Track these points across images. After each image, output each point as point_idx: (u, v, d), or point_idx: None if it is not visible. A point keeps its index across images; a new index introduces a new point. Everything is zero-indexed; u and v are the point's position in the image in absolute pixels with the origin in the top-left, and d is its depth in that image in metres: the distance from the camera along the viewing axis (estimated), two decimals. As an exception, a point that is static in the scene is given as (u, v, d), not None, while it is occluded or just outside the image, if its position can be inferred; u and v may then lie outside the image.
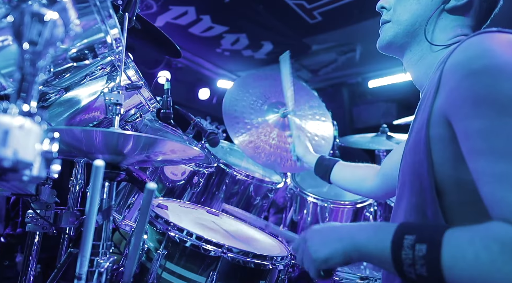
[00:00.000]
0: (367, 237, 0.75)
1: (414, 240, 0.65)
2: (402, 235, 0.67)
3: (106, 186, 0.96)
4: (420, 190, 0.79)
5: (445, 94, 0.74)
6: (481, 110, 0.66)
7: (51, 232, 1.33)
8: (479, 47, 0.71)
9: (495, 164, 0.63)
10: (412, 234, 0.67)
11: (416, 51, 0.99)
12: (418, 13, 0.96)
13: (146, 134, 0.87)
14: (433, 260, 0.62)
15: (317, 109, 2.11)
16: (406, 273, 0.66)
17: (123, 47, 0.95)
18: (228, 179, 1.98)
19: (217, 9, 4.42)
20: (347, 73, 5.87)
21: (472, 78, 0.68)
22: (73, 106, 1.17)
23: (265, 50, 5.35)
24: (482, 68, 0.67)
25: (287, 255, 1.27)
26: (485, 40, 0.71)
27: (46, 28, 0.47)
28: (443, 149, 0.75)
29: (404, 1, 1.00)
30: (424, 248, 0.63)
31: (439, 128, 0.75)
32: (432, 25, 0.95)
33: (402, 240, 0.67)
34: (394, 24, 1.01)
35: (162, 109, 1.81)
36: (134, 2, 1.15)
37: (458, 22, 0.94)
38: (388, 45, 1.03)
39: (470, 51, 0.71)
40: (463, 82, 0.70)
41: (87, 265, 0.73)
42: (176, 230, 1.12)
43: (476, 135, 0.66)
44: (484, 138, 0.65)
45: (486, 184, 0.65)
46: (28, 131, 0.42)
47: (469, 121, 0.67)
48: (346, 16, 4.24)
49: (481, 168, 0.66)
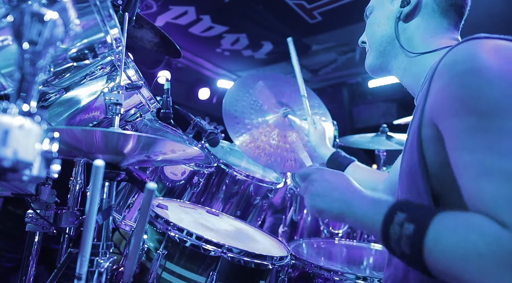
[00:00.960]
0: (363, 207, 0.77)
1: (404, 219, 0.67)
2: (395, 211, 0.70)
3: (106, 186, 0.96)
4: (417, 195, 0.80)
5: (432, 97, 0.77)
6: (462, 110, 0.69)
7: (51, 232, 1.33)
8: (465, 52, 0.74)
9: (473, 158, 0.65)
10: (404, 212, 0.69)
11: (397, 65, 1.06)
12: (381, 33, 1.07)
13: (146, 134, 0.87)
14: (417, 240, 0.64)
15: (317, 109, 2.11)
16: (392, 248, 0.69)
17: (123, 47, 0.95)
18: (228, 179, 1.98)
19: (217, 9, 4.42)
20: (347, 73, 5.88)
21: (455, 80, 0.71)
22: (73, 106, 1.17)
23: (265, 50, 5.35)
24: (465, 71, 0.70)
25: (287, 255, 1.27)
26: (471, 46, 0.74)
27: (46, 28, 0.47)
28: (435, 152, 0.77)
29: (368, 29, 1.13)
30: (412, 227, 0.65)
31: (429, 131, 0.77)
32: (401, 37, 1.03)
33: (394, 216, 0.69)
34: (369, 50, 1.14)
35: (162, 109, 1.81)
36: (134, 2, 1.15)
37: (423, 26, 1.00)
38: (371, 69, 1.14)
39: (457, 56, 0.74)
40: (447, 84, 0.73)
41: (87, 265, 0.73)
42: (176, 230, 1.12)
43: (456, 133, 0.69)
44: (463, 135, 0.68)
45: (463, 177, 0.67)
46: (28, 131, 0.42)
47: (451, 120, 0.71)
48: (346, 16, 4.24)
49: (460, 163, 0.68)
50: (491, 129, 0.65)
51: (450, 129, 0.71)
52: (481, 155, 0.64)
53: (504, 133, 0.63)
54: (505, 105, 0.65)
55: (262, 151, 1.89)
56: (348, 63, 5.56)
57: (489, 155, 0.63)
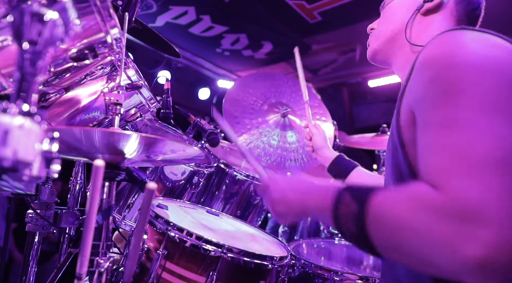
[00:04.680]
0: (317, 198, 0.80)
1: (350, 199, 0.70)
2: (342, 193, 0.72)
3: (106, 186, 0.96)
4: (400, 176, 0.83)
5: (410, 86, 0.80)
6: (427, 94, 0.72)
7: (51, 231, 1.33)
8: (440, 43, 0.76)
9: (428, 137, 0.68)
10: (349, 192, 0.71)
11: (400, 55, 1.08)
12: (396, 21, 1.08)
13: (146, 134, 0.87)
14: (361, 217, 0.66)
15: (317, 109, 2.11)
16: (343, 230, 0.71)
17: (123, 47, 0.95)
18: (228, 179, 1.98)
19: (217, 9, 4.42)
20: (347, 73, 5.87)
21: (429, 68, 0.74)
22: (73, 106, 1.17)
23: (265, 50, 5.35)
24: (436, 58, 0.73)
25: (287, 255, 1.27)
26: (445, 36, 0.77)
27: (46, 28, 0.47)
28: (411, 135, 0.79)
29: (385, 14, 1.14)
30: (355, 206, 0.68)
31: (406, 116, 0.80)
32: (411, 28, 1.05)
33: (341, 197, 0.72)
34: (377, 35, 1.14)
35: (162, 109, 1.81)
36: (134, 2, 1.15)
37: (436, 23, 1.02)
38: (375, 52, 1.14)
39: (431, 47, 0.77)
40: (422, 73, 0.75)
41: (87, 265, 0.73)
42: (176, 230, 1.12)
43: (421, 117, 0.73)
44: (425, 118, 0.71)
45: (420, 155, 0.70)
46: (28, 131, 0.42)
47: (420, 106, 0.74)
48: (346, 16, 4.24)
49: (419, 143, 0.71)
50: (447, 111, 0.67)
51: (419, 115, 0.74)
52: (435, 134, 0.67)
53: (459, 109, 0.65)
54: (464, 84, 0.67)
55: (262, 151, 1.89)
56: (348, 63, 5.55)
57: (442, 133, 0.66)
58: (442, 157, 0.63)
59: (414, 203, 0.61)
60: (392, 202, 0.64)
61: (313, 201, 0.81)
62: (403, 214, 0.61)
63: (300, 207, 0.85)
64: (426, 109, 0.72)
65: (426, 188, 0.62)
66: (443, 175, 0.61)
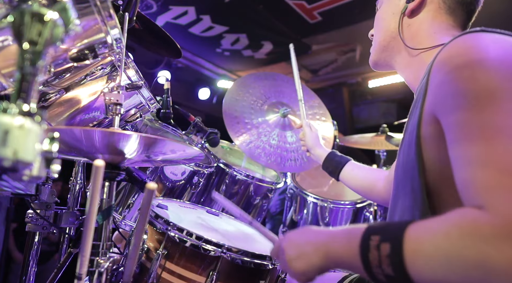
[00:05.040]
0: (339, 245, 0.73)
1: (379, 240, 0.64)
2: (369, 237, 0.66)
3: (106, 186, 0.96)
4: (412, 191, 0.79)
5: (431, 93, 0.76)
6: (460, 102, 0.67)
7: (51, 231, 1.33)
8: (462, 46, 0.73)
9: (468, 150, 0.63)
10: (377, 234, 0.66)
11: (400, 60, 1.07)
12: (386, 28, 1.08)
13: (146, 134, 0.87)
14: (397, 257, 0.61)
15: (317, 109, 2.11)
16: (375, 274, 0.65)
17: (123, 47, 0.95)
18: (228, 179, 1.98)
19: (217, 9, 4.42)
20: (347, 73, 5.88)
21: (453, 73, 0.70)
22: (73, 106, 1.17)
23: (265, 50, 5.35)
24: (462, 63, 0.70)
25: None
26: (467, 39, 0.74)
27: (46, 28, 0.47)
28: (434, 148, 0.76)
29: (375, 23, 1.14)
30: (388, 246, 0.62)
31: (430, 127, 0.76)
32: (403, 32, 1.03)
33: (368, 241, 0.66)
34: (373, 45, 1.14)
35: (162, 109, 1.81)
36: (135, 2, 1.15)
37: (428, 22, 1.00)
38: (375, 63, 1.15)
39: (453, 50, 0.74)
40: (445, 78, 0.72)
41: (87, 265, 0.73)
42: (176, 230, 1.12)
43: (455, 126, 0.68)
44: (460, 127, 0.66)
45: (458, 169, 0.65)
46: (28, 131, 0.42)
47: (450, 113, 0.69)
48: (346, 16, 4.25)
49: (455, 155, 0.66)
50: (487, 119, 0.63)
51: (451, 123, 0.69)
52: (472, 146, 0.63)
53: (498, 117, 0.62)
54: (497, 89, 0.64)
55: (262, 151, 1.89)
56: (348, 63, 5.56)
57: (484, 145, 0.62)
58: (488, 173, 0.59)
59: (465, 231, 0.56)
60: (435, 235, 0.59)
61: (334, 249, 0.74)
62: (454, 246, 0.56)
63: (321, 258, 0.76)
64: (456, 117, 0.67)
65: (473, 212, 0.57)
66: (492, 193, 0.57)
